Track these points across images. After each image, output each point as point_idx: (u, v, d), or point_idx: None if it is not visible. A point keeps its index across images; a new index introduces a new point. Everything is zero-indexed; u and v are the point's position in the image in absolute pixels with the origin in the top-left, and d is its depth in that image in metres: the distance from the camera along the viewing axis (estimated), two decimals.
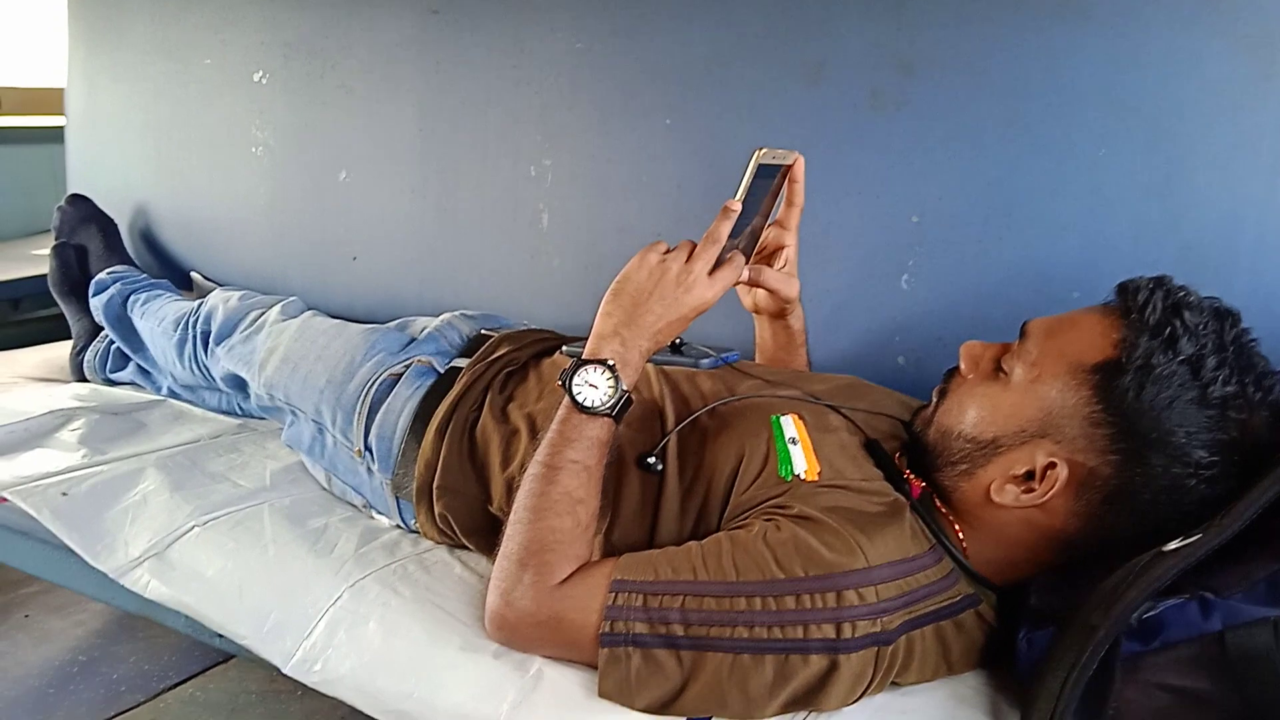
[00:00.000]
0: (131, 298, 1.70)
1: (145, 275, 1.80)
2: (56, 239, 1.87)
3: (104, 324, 1.71)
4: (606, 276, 1.01)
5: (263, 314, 1.51)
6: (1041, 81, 1.23)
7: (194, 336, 1.55)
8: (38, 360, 1.83)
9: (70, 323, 1.82)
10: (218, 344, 1.51)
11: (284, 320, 1.46)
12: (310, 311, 1.48)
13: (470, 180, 1.68)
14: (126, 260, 1.86)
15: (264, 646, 1.05)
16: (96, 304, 1.72)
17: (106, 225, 1.89)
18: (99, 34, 2.07)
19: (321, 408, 1.27)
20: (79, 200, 1.91)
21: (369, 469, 1.23)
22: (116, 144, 2.08)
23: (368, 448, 1.22)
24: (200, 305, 1.59)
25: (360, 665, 0.98)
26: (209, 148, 1.94)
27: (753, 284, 1.11)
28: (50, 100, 2.42)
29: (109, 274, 1.75)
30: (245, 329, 1.49)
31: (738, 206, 0.96)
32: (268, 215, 1.89)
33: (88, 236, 1.87)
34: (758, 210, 1.03)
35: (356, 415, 1.24)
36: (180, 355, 1.56)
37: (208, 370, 1.54)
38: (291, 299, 1.55)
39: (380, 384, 1.24)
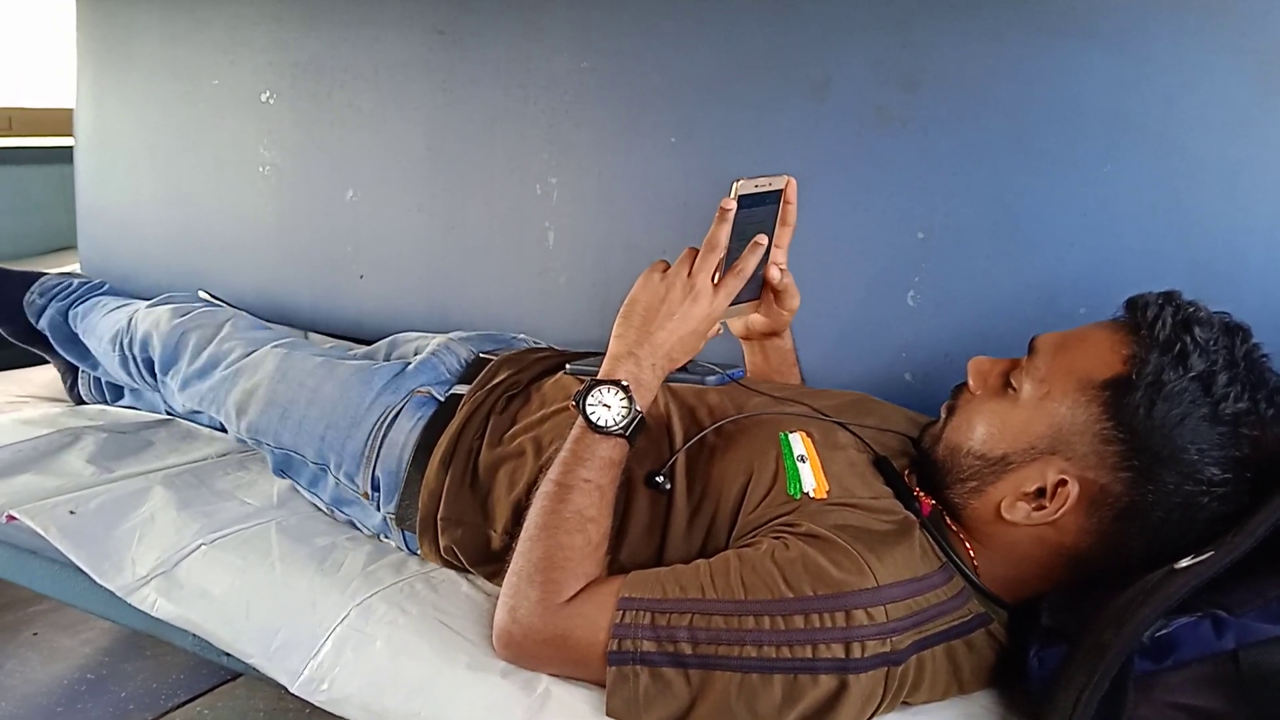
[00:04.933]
0: (70, 313, 1.64)
1: (70, 280, 1.73)
2: None
3: (55, 346, 1.65)
4: (613, 293, 1.01)
5: (210, 338, 1.43)
6: (1047, 97, 1.23)
7: (132, 358, 1.50)
8: (46, 379, 1.84)
9: (48, 359, 1.76)
10: (166, 374, 1.45)
11: (248, 353, 1.38)
12: (282, 344, 1.39)
13: (477, 198, 1.68)
14: (24, 278, 1.73)
15: (271, 665, 1.04)
16: (43, 328, 1.66)
17: None
18: (108, 55, 2.08)
19: (325, 453, 1.24)
20: None
21: (376, 506, 1.22)
22: (125, 164, 2.09)
23: (374, 486, 1.21)
24: (131, 323, 1.52)
25: (368, 684, 0.98)
26: (217, 167, 1.94)
27: (777, 289, 1.09)
28: (59, 121, 2.44)
29: (40, 294, 1.68)
30: (194, 359, 1.42)
31: (732, 204, 0.95)
32: (275, 234, 1.89)
33: None
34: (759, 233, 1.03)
35: (364, 459, 1.21)
36: (127, 373, 1.54)
37: (158, 389, 1.52)
38: (234, 316, 1.49)
39: (385, 426, 1.22)
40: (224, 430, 1.56)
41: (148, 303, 1.59)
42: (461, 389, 1.24)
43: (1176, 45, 1.17)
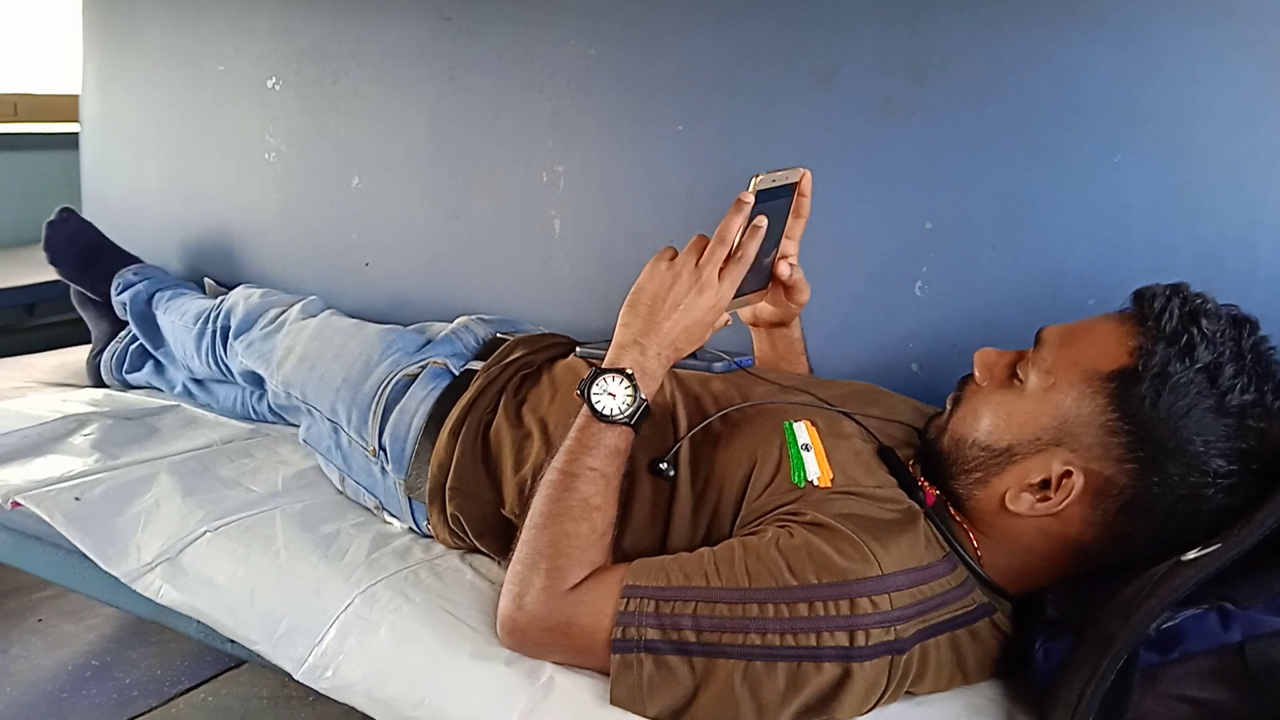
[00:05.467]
0: (157, 295, 1.72)
1: (172, 276, 1.82)
2: (51, 261, 1.80)
3: (128, 318, 1.72)
4: (618, 283, 1.00)
5: (283, 312, 1.52)
6: (1055, 88, 1.23)
7: (214, 330, 1.57)
8: (52, 365, 1.84)
9: (90, 326, 1.84)
10: (236, 339, 1.52)
11: (304, 319, 1.47)
12: (330, 310, 1.50)
13: (482, 186, 1.68)
14: (126, 257, 1.84)
15: (275, 652, 1.05)
16: (122, 299, 1.73)
17: (93, 237, 1.84)
18: (113, 41, 2.08)
19: (337, 406, 1.28)
20: (64, 219, 1.81)
21: (382, 469, 1.23)
22: (130, 150, 2.09)
23: (381, 447, 1.22)
24: (222, 301, 1.61)
25: (372, 672, 0.98)
26: (222, 154, 1.94)
27: (787, 284, 1.09)
28: (65, 107, 2.44)
29: (135, 273, 1.77)
30: (265, 326, 1.51)
31: (750, 199, 0.95)
32: (280, 221, 1.89)
33: (80, 253, 1.80)
34: (775, 236, 1.02)
35: (371, 414, 1.24)
36: (198, 348, 1.59)
37: (224, 365, 1.56)
38: (312, 298, 1.57)
39: (395, 384, 1.25)
40: (230, 410, 1.60)
41: (246, 285, 1.69)
42: (476, 365, 1.26)
43: (1186, 36, 1.16)
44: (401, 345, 1.31)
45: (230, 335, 1.54)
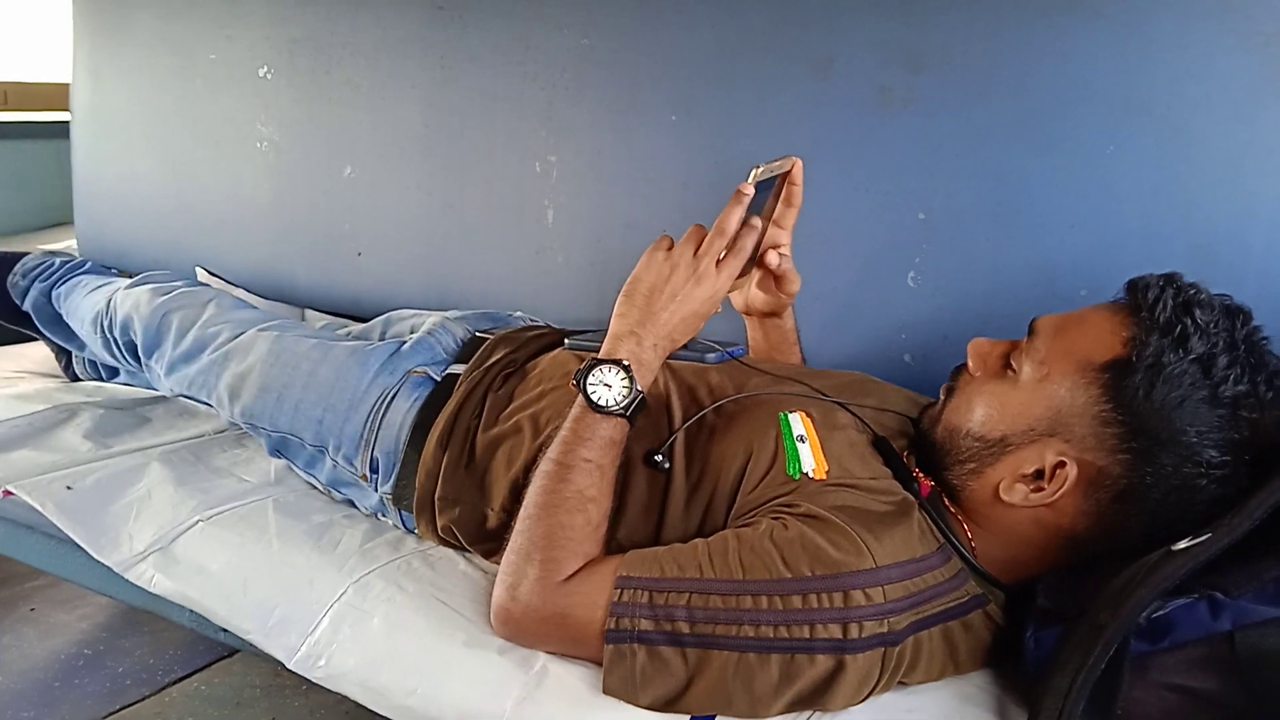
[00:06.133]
0: (54, 294, 1.63)
1: (51, 259, 1.70)
2: None
3: (40, 326, 1.64)
4: (612, 273, 1.00)
5: (194, 319, 1.39)
6: (1051, 78, 1.23)
7: (114, 340, 1.48)
8: (42, 355, 1.83)
9: (39, 338, 1.73)
10: (149, 358, 1.42)
11: (236, 335, 1.34)
12: (271, 326, 1.35)
13: (475, 176, 1.67)
14: (5, 259, 1.71)
15: (268, 641, 1.05)
16: (28, 309, 1.64)
17: None
18: (104, 29, 2.07)
19: (324, 436, 1.23)
20: None
21: (374, 487, 1.22)
22: (122, 139, 2.08)
23: (373, 469, 1.20)
24: (110, 304, 1.49)
25: (365, 661, 0.98)
26: (214, 143, 1.93)
27: (777, 274, 1.10)
28: (56, 95, 2.42)
29: (22, 276, 1.67)
30: (179, 343, 1.38)
31: (750, 190, 0.95)
32: (272, 211, 1.89)
33: None
34: (759, 216, 1.03)
35: (362, 442, 1.20)
36: (113, 356, 1.52)
37: (144, 372, 1.50)
38: (218, 295, 1.44)
39: (383, 408, 1.21)
40: None
41: (127, 283, 1.54)
42: (458, 369, 1.23)
43: (1182, 28, 1.16)
44: (378, 363, 1.24)
45: (140, 354, 1.43)
